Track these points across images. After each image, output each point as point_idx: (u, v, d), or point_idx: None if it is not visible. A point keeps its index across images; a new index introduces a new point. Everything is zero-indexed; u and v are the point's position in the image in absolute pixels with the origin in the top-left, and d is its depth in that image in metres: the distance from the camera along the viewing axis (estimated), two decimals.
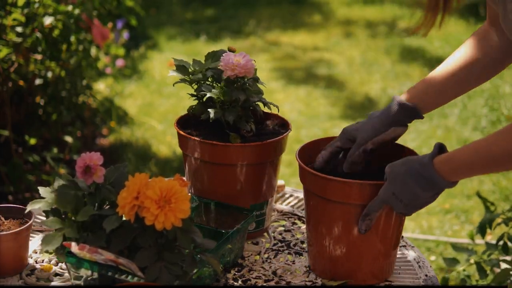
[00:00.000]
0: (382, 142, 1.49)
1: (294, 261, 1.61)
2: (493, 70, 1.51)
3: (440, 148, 1.37)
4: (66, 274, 1.51)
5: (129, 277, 1.28)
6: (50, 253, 1.39)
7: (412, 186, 1.35)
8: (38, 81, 3.11)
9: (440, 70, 1.51)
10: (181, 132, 1.63)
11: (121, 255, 1.30)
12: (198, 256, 1.34)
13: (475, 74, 1.49)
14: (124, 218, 1.29)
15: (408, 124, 1.51)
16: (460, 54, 1.50)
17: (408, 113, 1.49)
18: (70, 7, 2.86)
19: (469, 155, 1.31)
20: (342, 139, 1.54)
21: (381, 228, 1.46)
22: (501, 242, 2.19)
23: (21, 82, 2.99)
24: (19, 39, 2.71)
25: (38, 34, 2.78)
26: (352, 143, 1.52)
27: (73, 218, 1.36)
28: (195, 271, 1.33)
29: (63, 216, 1.38)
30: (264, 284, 1.52)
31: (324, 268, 1.53)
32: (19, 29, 2.70)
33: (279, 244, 1.67)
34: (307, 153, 1.58)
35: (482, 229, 2.20)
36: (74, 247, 1.28)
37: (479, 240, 3.02)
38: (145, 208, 1.23)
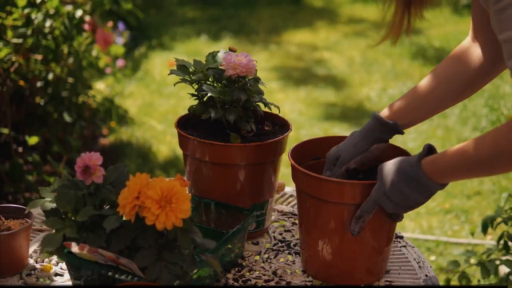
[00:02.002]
0: (364, 162, 1.50)
1: (294, 261, 1.61)
2: (475, 86, 1.49)
3: (429, 149, 1.36)
4: (66, 274, 1.51)
5: (129, 277, 1.28)
6: (50, 253, 1.39)
7: (402, 187, 1.35)
8: (38, 82, 3.11)
9: (420, 86, 1.50)
10: (182, 132, 1.63)
11: (121, 255, 1.30)
12: (198, 256, 1.34)
13: (455, 90, 1.48)
14: (124, 218, 1.29)
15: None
16: (440, 70, 1.49)
17: (388, 130, 1.49)
18: (69, 7, 2.86)
19: (455, 158, 1.29)
20: (328, 166, 1.54)
21: (374, 225, 1.46)
22: (501, 242, 2.19)
23: (21, 82, 2.99)
24: (19, 40, 2.71)
25: (39, 35, 2.78)
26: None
27: (73, 218, 1.36)
28: (195, 271, 1.33)
29: (63, 216, 1.38)
30: (264, 284, 1.52)
31: (318, 270, 1.52)
32: (19, 30, 2.70)
33: (279, 244, 1.67)
34: (300, 153, 1.58)
35: (484, 227, 2.20)
36: (74, 247, 1.28)
37: (479, 240, 3.02)
38: (146, 208, 1.23)
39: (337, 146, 1.54)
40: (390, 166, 1.39)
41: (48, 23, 2.73)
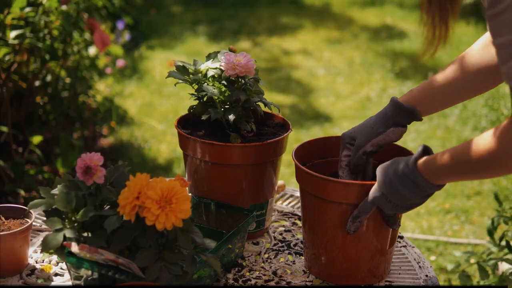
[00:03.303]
0: (381, 144, 1.49)
1: (294, 261, 1.60)
2: (497, 78, 1.48)
3: (424, 150, 1.36)
4: (66, 274, 1.51)
5: (129, 277, 1.28)
6: (50, 253, 1.39)
7: (399, 187, 1.35)
8: (38, 82, 3.11)
9: (443, 75, 1.49)
10: (182, 132, 1.63)
11: (121, 255, 1.30)
12: (198, 256, 1.34)
13: (477, 82, 1.47)
14: (124, 218, 1.29)
15: (407, 126, 1.51)
16: (464, 60, 1.48)
17: (406, 114, 1.48)
18: (64, 7, 2.86)
19: (448, 160, 1.29)
20: (343, 146, 1.53)
21: (377, 225, 1.46)
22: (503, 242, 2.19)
23: (21, 82, 2.99)
24: (18, 41, 2.71)
25: (38, 35, 2.78)
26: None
27: (73, 218, 1.36)
28: (195, 271, 1.33)
29: (63, 216, 1.38)
30: (264, 284, 1.52)
31: (321, 269, 1.53)
32: (18, 30, 2.70)
33: (280, 244, 1.67)
34: (304, 153, 1.58)
35: (490, 233, 2.20)
36: (74, 247, 1.28)
37: (479, 240, 3.02)
38: (146, 208, 1.23)
39: (353, 128, 1.53)
40: (387, 167, 1.38)
41: (46, 23, 2.73)
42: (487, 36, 1.47)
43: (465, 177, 1.31)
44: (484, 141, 1.23)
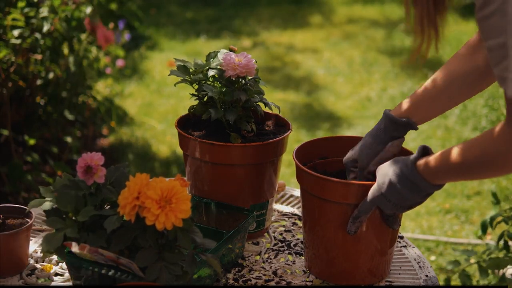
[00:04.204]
0: (384, 160, 1.48)
1: (294, 261, 1.60)
2: (484, 82, 1.48)
3: (424, 150, 1.36)
4: (66, 274, 1.51)
5: (129, 277, 1.28)
6: (51, 253, 1.39)
7: (399, 187, 1.35)
8: (38, 82, 3.11)
9: (431, 84, 1.49)
10: (182, 132, 1.63)
11: (121, 255, 1.30)
12: (198, 256, 1.34)
13: (467, 85, 1.47)
14: (124, 218, 1.29)
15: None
16: (452, 65, 1.48)
17: (401, 127, 1.49)
18: (72, 6, 2.86)
19: (445, 161, 1.29)
20: (348, 171, 1.55)
21: (378, 226, 1.46)
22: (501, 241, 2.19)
23: (21, 82, 2.99)
24: (18, 41, 2.71)
25: (38, 35, 2.78)
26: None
27: (73, 218, 1.36)
28: (195, 271, 1.32)
29: (64, 216, 1.38)
30: (264, 284, 1.52)
31: (321, 268, 1.53)
32: (18, 30, 2.70)
33: (280, 244, 1.67)
34: (304, 153, 1.58)
35: (484, 228, 2.20)
36: (74, 247, 1.28)
37: (479, 240, 3.02)
38: (146, 208, 1.23)
39: (352, 149, 1.54)
40: (386, 167, 1.39)
41: (46, 25, 2.73)
42: (474, 39, 1.47)
43: (463, 177, 1.32)
44: (480, 142, 1.23)
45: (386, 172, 1.37)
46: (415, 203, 1.37)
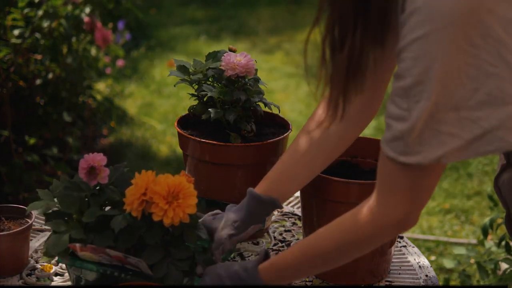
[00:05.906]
0: (240, 242, 1.42)
1: None
2: (344, 142, 1.44)
3: (266, 254, 1.30)
4: (66, 274, 1.51)
5: (134, 276, 1.27)
6: (52, 256, 1.38)
7: (228, 284, 1.27)
8: (38, 81, 3.11)
9: (288, 156, 1.43)
10: (182, 132, 1.63)
11: (128, 254, 1.29)
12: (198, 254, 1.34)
13: (323, 153, 1.43)
14: (131, 215, 1.28)
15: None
16: (305, 137, 1.45)
17: (267, 207, 1.41)
18: (69, 7, 2.86)
19: (294, 258, 1.24)
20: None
21: None
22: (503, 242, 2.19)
23: (21, 82, 2.99)
24: (18, 41, 2.71)
25: (38, 35, 2.78)
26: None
27: (76, 219, 1.35)
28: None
29: (66, 218, 1.36)
30: None
31: None
32: (18, 30, 2.70)
33: (280, 244, 1.67)
34: None
35: (485, 231, 2.20)
36: (80, 249, 1.27)
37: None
38: (154, 203, 1.23)
39: (214, 216, 1.42)
40: (218, 269, 1.29)
41: (46, 23, 2.73)
42: (319, 114, 1.47)
43: (317, 269, 1.27)
44: (336, 230, 1.20)
45: (218, 273, 1.28)
46: None
